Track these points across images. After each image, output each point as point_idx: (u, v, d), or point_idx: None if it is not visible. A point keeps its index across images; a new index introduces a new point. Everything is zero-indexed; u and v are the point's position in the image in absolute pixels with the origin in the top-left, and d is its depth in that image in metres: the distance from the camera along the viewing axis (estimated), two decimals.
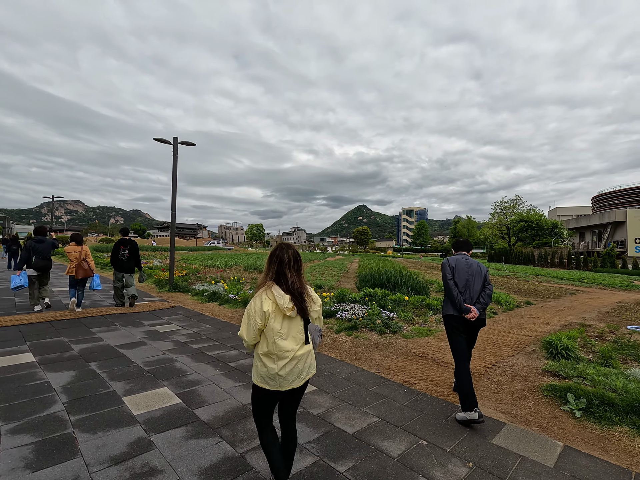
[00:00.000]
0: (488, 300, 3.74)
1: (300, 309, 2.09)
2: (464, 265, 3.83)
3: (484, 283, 3.77)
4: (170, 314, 7.91)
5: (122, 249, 8.34)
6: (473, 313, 3.60)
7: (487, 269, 4.08)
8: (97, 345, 5.38)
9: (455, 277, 3.79)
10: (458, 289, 3.74)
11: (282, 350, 2.04)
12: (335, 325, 6.66)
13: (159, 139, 11.60)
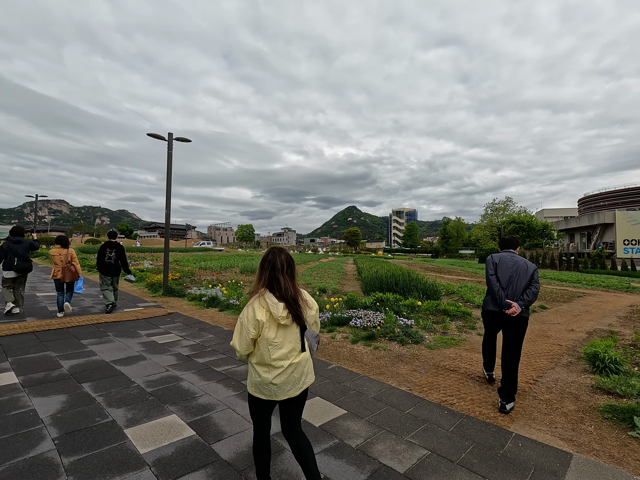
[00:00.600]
0: (532, 298, 3.73)
1: (296, 316, 2.01)
2: (509, 262, 3.88)
3: (530, 281, 3.77)
4: (167, 322, 7.30)
5: (109, 252, 8.14)
6: (514, 309, 3.66)
7: (536, 267, 3.94)
8: (90, 361, 4.77)
9: (497, 272, 3.89)
10: (500, 285, 3.82)
11: (276, 359, 1.98)
12: (350, 335, 6.18)
13: (153, 134, 10.96)
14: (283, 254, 2.10)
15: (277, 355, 1.98)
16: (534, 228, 44.63)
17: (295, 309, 2.02)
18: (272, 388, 1.99)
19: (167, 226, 11.41)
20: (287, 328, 2.02)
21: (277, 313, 1.95)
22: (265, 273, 2.06)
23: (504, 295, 3.76)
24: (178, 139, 11.51)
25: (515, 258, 3.93)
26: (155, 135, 10.99)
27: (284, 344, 2.00)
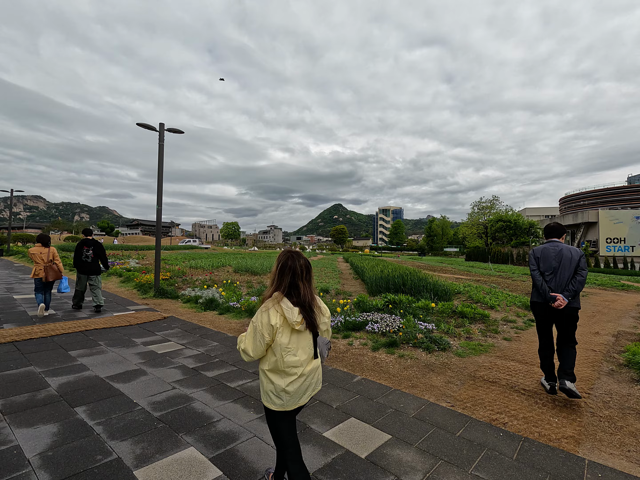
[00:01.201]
0: (578, 286, 3.68)
1: (310, 323, 1.99)
2: (552, 253, 3.82)
3: (576, 269, 3.72)
4: (164, 328, 6.67)
5: (86, 250, 7.94)
6: (559, 301, 3.65)
7: (583, 253, 3.79)
8: (82, 377, 4.14)
9: (540, 266, 3.88)
10: (543, 278, 3.82)
11: (290, 366, 1.96)
12: (369, 341, 5.71)
13: (143, 124, 10.19)
14: (302, 259, 2.04)
15: (291, 362, 1.95)
16: (520, 226, 45.30)
17: (310, 315, 1.99)
18: (284, 397, 1.96)
19: (158, 223, 10.68)
20: (301, 334, 2.00)
21: (292, 318, 1.91)
22: (286, 279, 1.98)
23: (548, 290, 3.75)
24: (170, 130, 10.78)
25: (559, 247, 3.84)
26: (145, 125, 10.24)
27: (297, 350, 1.98)
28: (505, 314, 7.72)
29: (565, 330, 3.84)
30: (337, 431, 3.15)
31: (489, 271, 25.21)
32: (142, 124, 10.19)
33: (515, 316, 7.59)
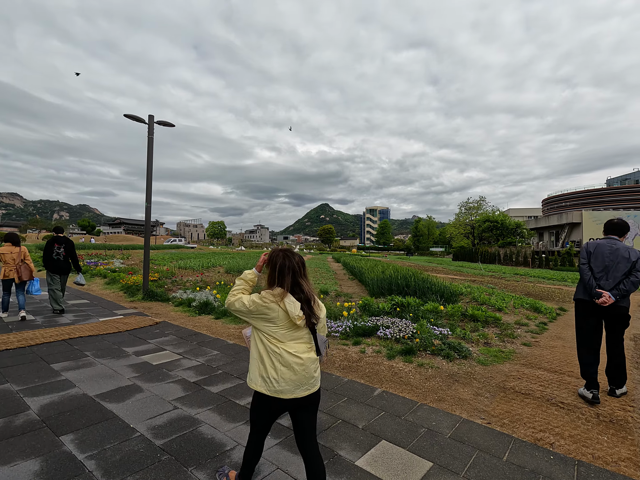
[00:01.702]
0: (630, 287, 3.54)
1: (309, 318, 1.96)
2: (607, 250, 3.71)
3: (632, 270, 3.58)
4: (157, 335, 6.13)
5: (57, 247, 7.61)
6: (604, 298, 3.54)
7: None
8: (68, 396, 3.61)
9: (591, 261, 3.78)
10: (592, 274, 3.72)
11: (288, 353, 1.93)
12: (382, 348, 5.32)
13: (131, 115, 9.56)
14: (296, 256, 2.04)
15: (289, 349, 1.94)
16: (507, 227, 45.92)
17: (310, 311, 1.98)
18: (280, 383, 1.91)
19: (147, 221, 10.05)
20: (299, 329, 1.98)
21: (294, 312, 1.90)
22: (288, 279, 1.97)
23: (595, 285, 3.66)
24: (160, 123, 10.17)
25: (616, 245, 3.72)
26: (133, 117, 9.61)
27: (295, 340, 1.97)
28: (515, 316, 7.48)
29: (613, 332, 3.73)
30: (370, 459, 2.75)
31: (480, 271, 25.28)
32: (130, 116, 9.56)
33: (525, 319, 7.34)
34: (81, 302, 8.99)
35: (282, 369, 1.91)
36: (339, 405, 3.62)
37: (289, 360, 1.92)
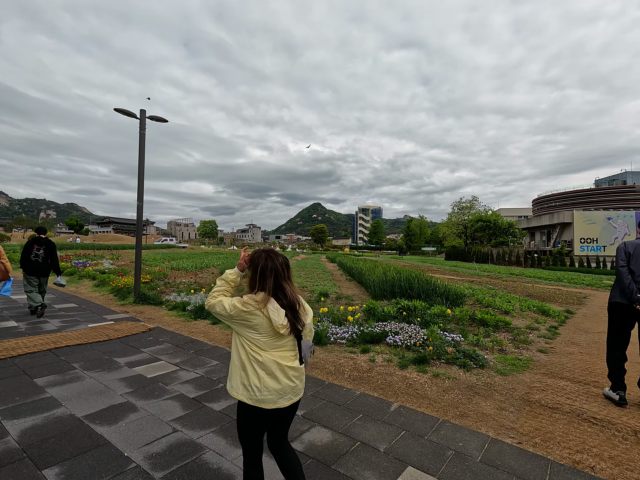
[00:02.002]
0: None
1: (294, 325, 1.85)
2: None
3: None
4: (151, 343, 5.74)
5: (36, 249, 7.41)
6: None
7: None
8: (52, 418, 3.22)
9: (631, 263, 3.55)
10: (633, 277, 3.50)
11: (271, 362, 1.81)
12: (393, 356, 5.02)
13: (122, 110, 9.10)
14: (280, 257, 1.93)
15: (272, 357, 1.83)
16: (499, 226, 46.19)
17: (296, 318, 1.87)
18: (262, 392, 1.80)
19: (139, 220, 9.60)
20: (283, 337, 1.87)
21: (277, 320, 1.78)
22: (269, 281, 1.85)
23: (635, 290, 3.44)
24: (152, 118, 9.72)
25: None
26: (124, 111, 9.15)
27: (279, 349, 1.86)
28: (523, 320, 7.26)
29: None
30: None
31: (475, 271, 25.25)
32: (120, 110, 9.10)
33: (535, 323, 7.13)
34: (68, 306, 8.52)
35: (265, 377, 1.81)
36: (354, 424, 3.31)
37: (272, 369, 1.82)
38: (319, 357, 5.14)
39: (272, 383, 1.81)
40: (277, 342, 1.85)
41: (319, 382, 4.28)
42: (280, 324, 1.78)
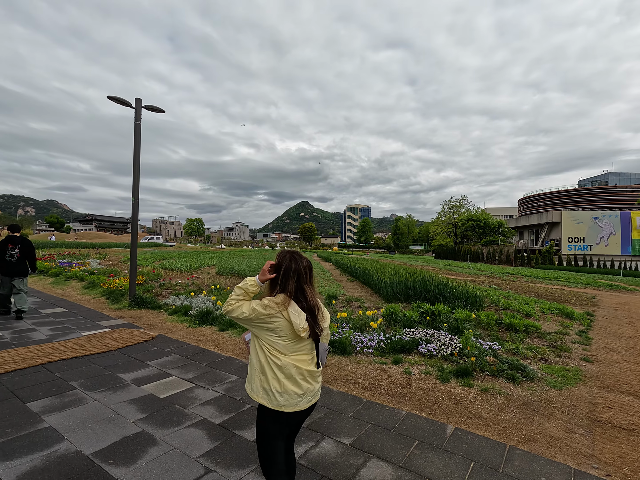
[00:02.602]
0: None
1: (313, 329, 1.84)
2: None
3: None
4: (156, 354, 5.15)
5: (11, 248, 6.99)
6: None
7: None
8: (55, 457, 2.65)
9: None
10: None
11: (291, 365, 1.81)
12: (430, 368, 4.59)
13: (115, 97, 8.40)
14: (304, 260, 1.91)
15: (291, 361, 1.81)
16: (489, 225, 46.58)
17: (316, 322, 1.86)
18: (283, 396, 1.79)
19: (134, 218, 8.91)
20: (302, 340, 1.85)
21: (299, 323, 1.76)
22: (292, 283, 1.84)
23: None
24: (148, 108, 9.04)
25: None
26: (118, 99, 8.45)
27: (297, 353, 1.85)
28: (548, 323, 6.94)
29: None
30: None
31: (470, 270, 25.21)
32: (114, 98, 8.40)
33: (561, 326, 6.82)
34: (57, 311, 7.80)
35: (285, 381, 1.80)
36: (414, 455, 2.85)
37: (292, 372, 1.81)
38: (347, 368, 4.67)
39: (292, 386, 1.80)
40: (296, 345, 1.84)
41: (355, 400, 3.81)
42: (301, 327, 1.76)
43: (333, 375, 4.49)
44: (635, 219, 42.60)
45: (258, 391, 1.83)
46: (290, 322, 1.76)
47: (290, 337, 1.80)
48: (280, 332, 1.79)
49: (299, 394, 1.82)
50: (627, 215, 42.91)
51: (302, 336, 1.79)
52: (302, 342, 1.86)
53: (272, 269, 1.88)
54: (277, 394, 1.78)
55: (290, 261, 1.88)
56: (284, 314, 1.77)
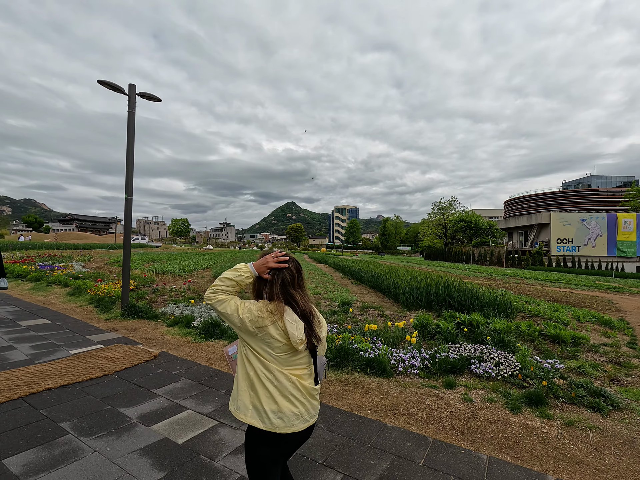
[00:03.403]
0: None
1: (310, 341, 1.62)
2: None
3: None
4: (162, 378, 4.33)
5: None
6: None
7: None
8: None
9: None
10: None
11: (285, 380, 1.58)
12: (493, 394, 3.92)
13: (107, 82, 7.49)
14: (290, 262, 1.66)
15: (286, 376, 1.58)
16: (480, 227, 46.73)
17: (310, 330, 1.63)
18: (277, 415, 1.56)
19: (127, 217, 8.00)
20: (298, 353, 1.62)
21: (296, 335, 1.54)
22: (276, 288, 1.60)
23: None
24: (143, 96, 8.16)
25: None
26: (110, 84, 7.54)
27: (292, 367, 1.62)
28: (589, 333, 6.39)
29: None
30: None
31: (466, 271, 24.92)
32: (105, 82, 7.48)
33: (604, 337, 6.28)
34: (39, 323, 6.84)
35: (279, 398, 1.57)
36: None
37: (288, 388, 1.58)
38: (393, 394, 3.97)
39: (288, 405, 1.58)
40: (291, 358, 1.62)
41: (419, 440, 3.11)
42: (299, 338, 1.56)
43: (380, 403, 3.78)
44: (621, 221, 43.42)
45: (246, 409, 1.59)
46: (286, 332, 1.54)
47: (283, 349, 1.58)
48: (274, 344, 1.56)
49: (296, 413, 1.60)
50: (614, 217, 43.69)
51: (299, 348, 1.58)
52: (298, 355, 1.64)
53: (275, 262, 1.61)
54: (270, 413, 1.56)
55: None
56: (279, 324, 1.55)
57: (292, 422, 1.58)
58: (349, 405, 3.76)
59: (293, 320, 1.56)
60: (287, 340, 1.56)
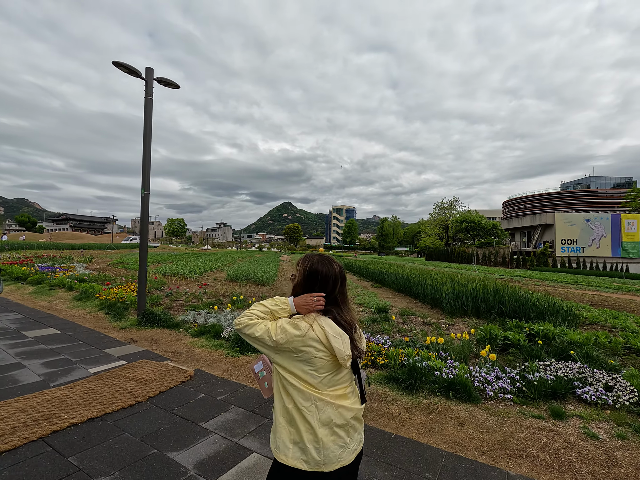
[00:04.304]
0: None
1: (354, 355, 1.44)
2: None
3: None
4: (206, 405, 3.60)
5: None
6: None
7: None
8: None
9: None
10: None
11: (327, 411, 1.34)
12: (619, 427, 3.23)
13: (123, 64, 6.72)
14: (335, 265, 1.48)
15: (329, 401, 1.35)
16: (484, 227, 46.29)
17: (352, 343, 1.42)
18: (323, 451, 1.31)
19: (144, 214, 7.24)
20: (341, 370, 1.42)
21: (344, 350, 1.34)
22: (317, 291, 1.44)
23: None
24: (161, 81, 7.41)
25: None
26: (126, 66, 6.77)
27: (335, 387, 1.40)
28: None
29: None
30: None
31: (475, 273, 24.35)
32: (120, 64, 6.72)
33: None
34: (47, 334, 6.06)
35: (322, 431, 1.33)
36: None
37: (331, 416, 1.34)
38: (494, 427, 3.27)
39: (333, 437, 1.34)
40: (335, 377, 1.40)
41: None
42: (346, 355, 1.36)
43: (483, 440, 3.08)
44: (624, 222, 43.21)
45: (286, 449, 1.32)
46: (330, 348, 1.32)
47: (327, 368, 1.36)
48: (316, 362, 1.33)
49: (341, 445, 1.34)
50: (617, 218, 43.47)
51: (347, 366, 1.39)
52: (342, 373, 1.42)
53: (314, 308, 1.37)
54: (314, 450, 1.30)
55: (317, 263, 1.45)
56: (321, 338, 1.32)
57: (338, 456, 1.35)
58: (446, 443, 3.06)
59: (337, 334, 1.36)
60: (332, 358, 1.36)
